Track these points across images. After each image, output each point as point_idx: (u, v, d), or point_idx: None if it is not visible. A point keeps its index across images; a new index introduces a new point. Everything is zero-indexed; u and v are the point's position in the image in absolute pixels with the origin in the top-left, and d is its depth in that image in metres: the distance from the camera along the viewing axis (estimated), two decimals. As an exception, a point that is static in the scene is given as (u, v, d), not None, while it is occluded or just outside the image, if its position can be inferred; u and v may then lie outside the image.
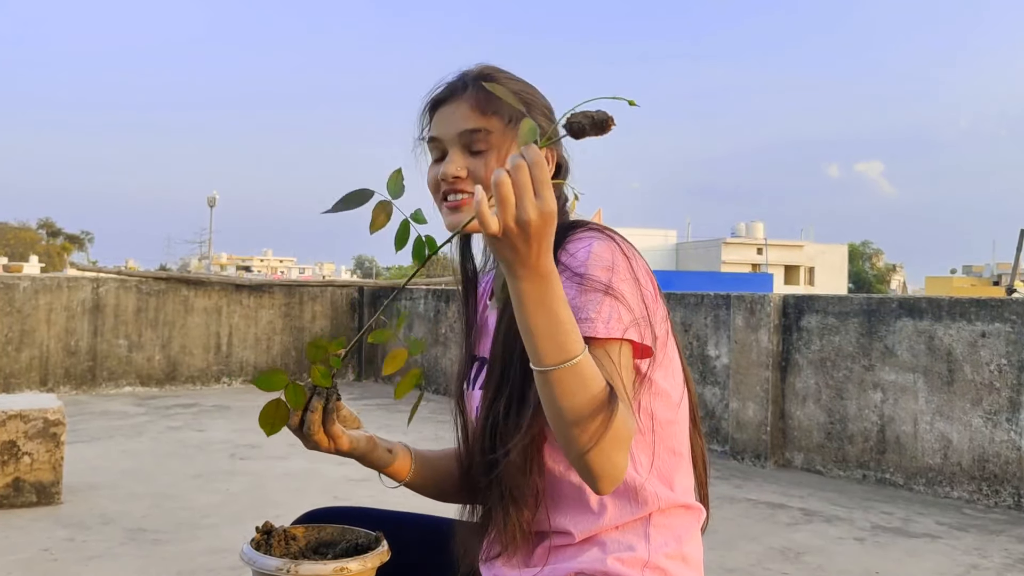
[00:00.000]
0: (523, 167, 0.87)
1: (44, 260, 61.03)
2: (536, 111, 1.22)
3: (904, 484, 4.29)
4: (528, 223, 0.87)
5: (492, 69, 1.24)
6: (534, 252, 0.89)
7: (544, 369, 0.94)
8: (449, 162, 1.19)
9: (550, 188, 0.88)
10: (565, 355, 0.93)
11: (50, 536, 3.18)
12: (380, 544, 1.07)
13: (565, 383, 0.94)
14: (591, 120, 0.86)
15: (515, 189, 0.86)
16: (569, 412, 0.95)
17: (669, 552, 1.14)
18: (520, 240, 0.88)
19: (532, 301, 0.92)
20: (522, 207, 0.86)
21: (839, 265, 60.24)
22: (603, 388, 0.96)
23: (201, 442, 5.12)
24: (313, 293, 8.40)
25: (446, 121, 1.21)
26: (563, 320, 0.93)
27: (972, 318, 4.10)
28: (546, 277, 0.91)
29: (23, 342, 6.95)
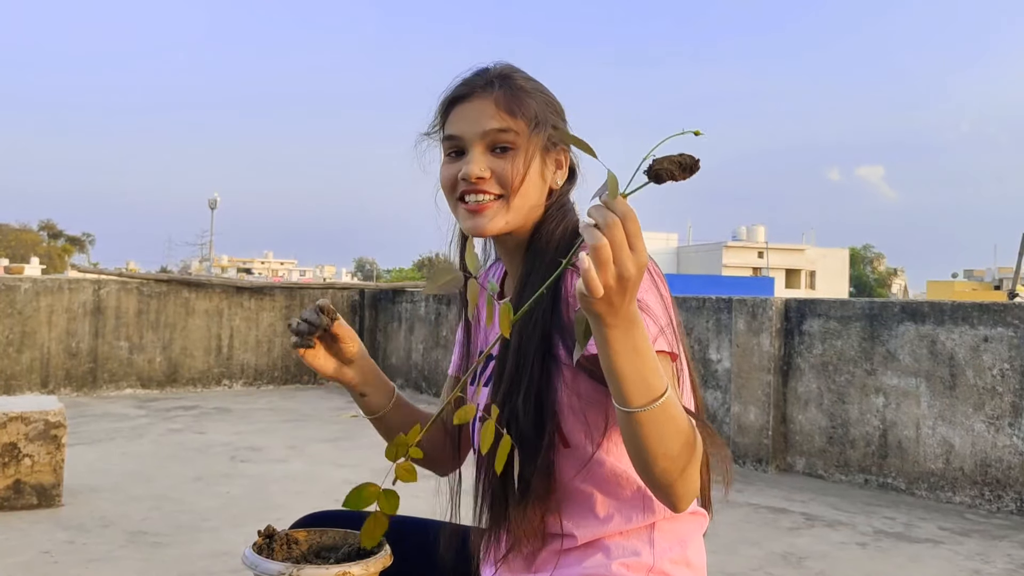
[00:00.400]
0: (617, 224, 0.84)
1: (45, 262, 61.09)
2: (556, 114, 1.22)
3: (906, 489, 4.28)
4: (627, 279, 0.86)
5: (511, 68, 1.22)
6: (627, 302, 0.88)
7: (632, 410, 0.93)
8: (472, 162, 1.17)
9: (642, 239, 0.86)
10: (653, 394, 0.92)
11: (50, 538, 3.18)
12: (382, 548, 1.06)
13: (653, 422, 0.93)
14: (677, 165, 0.84)
15: (613, 246, 0.84)
16: (659, 449, 0.95)
17: (674, 557, 1.14)
18: (617, 295, 0.86)
19: (622, 346, 0.90)
20: (621, 264, 0.85)
21: (840, 269, 60.23)
22: (687, 421, 0.97)
23: (202, 444, 5.11)
24: (314, 295, 8.40)
25: (468, 119, 1.18)
26: (649, 358, 0.92)
27: (974, 323, 4.10)
28: (634, 322, 0.90)
29: (24, 344, 6.94)
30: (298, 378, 8.17)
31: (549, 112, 1.20)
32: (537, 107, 1.19)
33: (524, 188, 1.16)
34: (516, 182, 1.16)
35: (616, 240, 0.84)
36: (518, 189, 1.16)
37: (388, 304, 8.49)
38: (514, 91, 1.19)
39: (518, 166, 1.16)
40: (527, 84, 1.21)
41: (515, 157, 1.17)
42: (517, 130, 1.17)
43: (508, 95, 1.18)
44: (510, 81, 1.20)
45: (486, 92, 1.18)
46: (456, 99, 1.20)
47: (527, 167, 1.16)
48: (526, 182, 1.16)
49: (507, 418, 1.11)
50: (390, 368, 8.32)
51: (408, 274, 71.60)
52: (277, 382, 8.06)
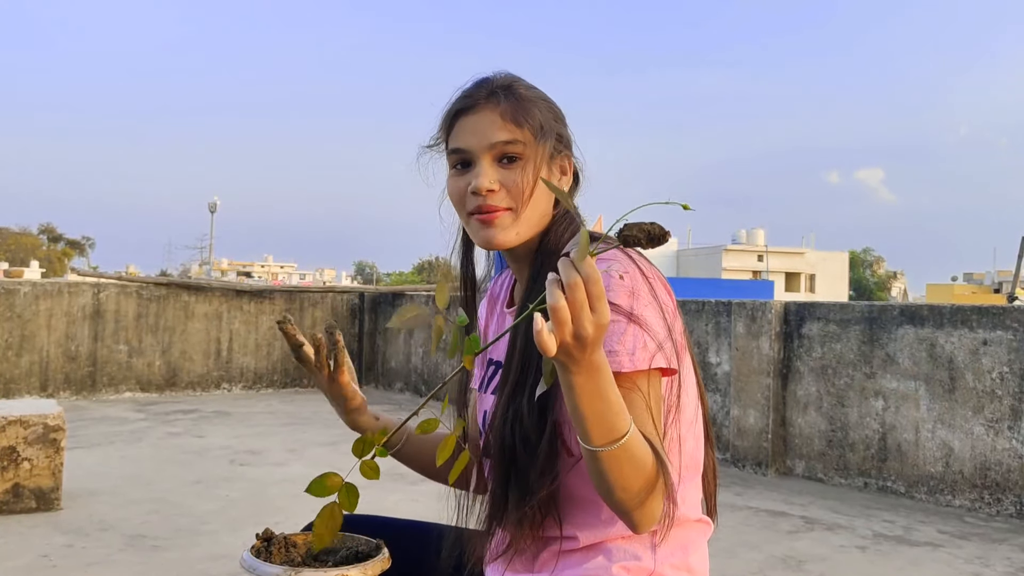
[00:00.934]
0: (579, 285, 0.86)
1: (45, 265, 61.07)
2: (559, 121, 1.23)
3: (906, 492, 4.27)
4: (585, 338, 0.87)
5: (513, 78, 1.22)
6: (587, 355, 0.90)
7: (592, 449, 0.96)
8: (481, 175, 1.16)
9: (605, 302, 0.88)
10: (613, 436, 0.95)
11: (49, 542, 3.18)
12: (381, 552, 1.06)
13: (613, 460, 0.96)
14: (646, 234, 0.87)
15: (572, 307, 0.86)
16: (616, 483, 0.98)
17: (675, 563, 1.14)
18: (576, 350, 0.89)
19: (584, 392, 0.92)
20: (579, 324, 0.86)
21: (840, 272, 60.25)
22: (650, 460, 0.99)
23: (201, 448, 5.11)
24: (314, 299, 8.40)
25: (474, 131, 1.18)
26: (612, 403, 0.94)
27: (974, 326, 4.10)
28: (598, 369, 0.92)
29: (23, 347, 6.94)
30: (297, 381, 8.17)
31: (552, 120, 1.21)
32: (541, 115, 1.19)
33: (533, 198, 1.17)
34: (526, 193, 1.16)
35: (576, 301, 0.86)
36: (529, 200, 1.16)
37: (388, 308, 8.49)
38: (518, 101, 1.19)
39: (527, 177, 1.16)
40: (530, 93, 1.21)
41: (523, 168, 1.17)
42: (523, 140, 1.17)
43: (513, 105, 1.18)
44: (513, 91, 1.19)
45: (491, 103, 1.18)
46: (460, 111, 1.20)
47: (535, 177, 1.16)
48: (535, 192, 1.17)
49: (511, 419, 1.11)
50: (389, 372, 8.32)
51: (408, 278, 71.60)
52: (276, 385, 8.06)
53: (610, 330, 1.05)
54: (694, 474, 1.19)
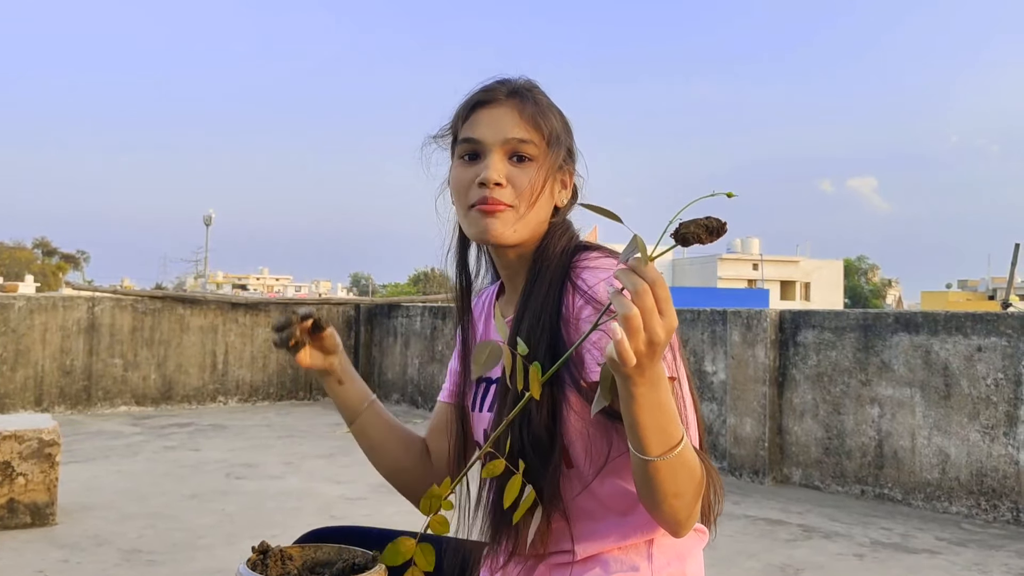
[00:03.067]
0: (646, 291, 0.85)
1: (39, 279, 60.90)
2: (569, 135, 1.24)
3: (903, 499, 4.27)
4: (657, 344, 0.87)
5: (533, 83, 1.24)
6: (655, 363, 0.89)
7: (650, 459, 0.95)
8: (490, 167, 1.16)
9: (671, 304, 0.88)
10: (670, 444, 0.95)
11: (44, 558, 3.16)
12: (377, 564, 1.06)
13: (669, 468, 0.96)
14: (705, 228, 0.86)
15: (643, 313, 0.85)
16: (670, 491, 0.98)
17: (672, 572, 1.14)
18: (647, 358, 0.88)
19: (646, 402, 0.92)
20: (651, 331, 0.86)
21: (835, 280, 60.36)
22: (699, 463, 1.00)
23: (197, 462, 5.09)
24: (309, 311, 8.38)
25: (490, 124, 1.18)
26: (668, 411, 0.94)
27: (968, 332, 4.11)
28: (660, 377, 0.92)
29: (18, 362, 6.92)
30: (293, 394, 8.15)
31: (565, 131, 1.23)
32: (556, 124, 1.21)
33: (538, 203, 1.18)
34: (534, 195, 1.17)
35: (647, 307, 0.85)
36: (535, 202, 1.17)
37: (384, 319, 8.48)
38: (538, 105, 1.20)
39: (537, 179, 1.17)
40: (547, 100, 1.23)
41: (533, 169, 1.17)
42: (537, 143, 1.18)
43: (533, 108, 1.19)
44: (534, 95, 1.21)
45: (511, 100, 1.19)
46: (480, 103, 1.20)
47: (544, 181, 1.17)
48: (542, 194, 1.18)
49: (519, 430, 1.10)
50: (386, 383, 8.31)
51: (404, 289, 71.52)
52: (272, 398, 8.04)
53: None
54: None
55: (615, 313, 0.86)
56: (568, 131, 1.24)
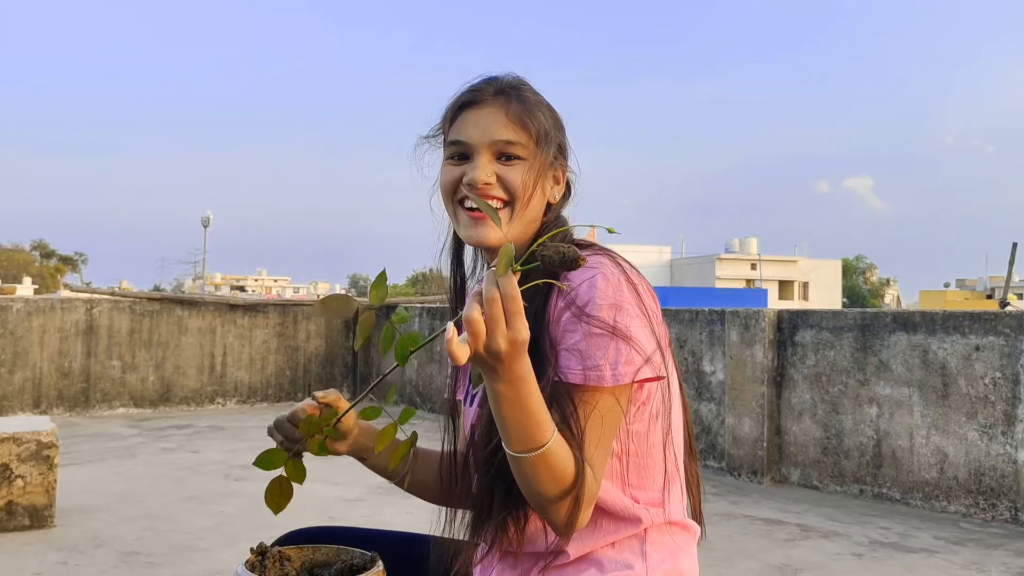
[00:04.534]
0: (496, 300, 0.90)
1: (38, 282, 60.82)
2: (560, 131, 1.23)
3: (901, 499, 4.28)
4: (498, 352, 0.91)
5: (521, 80, 1.23)
6: (506, 367, 0.93)
7: (512, 454, 1.00)
8: (479, 168, 1.16)
9: (522, 318, 0.91)
10: (532, 445, 0.98)
11: (42, 560, 3.16)
12: (375, 564, 1.06)
13: (530, 466, 1.00)
14: (561, 256, 0.91)
15: (487, 321, 0.90)
16: (532, 487, 1.02)
17: (666, 569, 1.14)
18: (493, 361, 0.92)
19: (505, 400, 0.96)
20: (492, 339, 0.90)
21: (833, 280, 60.40)
22: (570, 473, 1.01)
23: (195, 463, 5.08)
24: (307, 312, 8.39)
25: (477, 125, 1.17)
26: (534, 413, 0.97)
27: (966, 332, 4.11)
28: (521, 379, 0.95)
29: (16, 364, 6.91)
30: (292, 395, 8.14)
31: (554, 128, 1.22)
32: (545, 122, 1.20)
33: (530, 198, 1.17)
34: (526, 194, 1.16)
35: (492, 316, 0.89)
36: (527, 202, 1.16)
37: (382, 320, 8.46)
38: (525, 103, 1.19)
39: (528, 178, 1.16)
40: (536, 98, 1.22)
41: (522, 168, 1.17)
42: (525, 143, 1.17)
43: (520, 107, 1.18)
44: (521, 93, 1.20)
45: (498, 101, 1.18)
46: (466, 104, 1.19)
47: (536, 181, 1.17)
48: (524, 191, 1.17)
49: (496, 436, 1.10)
50: (384, 385, 8.30)
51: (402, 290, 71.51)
52: (271, 399, 8.03)
53: (594, 344, 1.05)
54: (676, 480, 1.19)
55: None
56: (559, 127, 1.23)
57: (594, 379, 1.05)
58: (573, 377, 1.06)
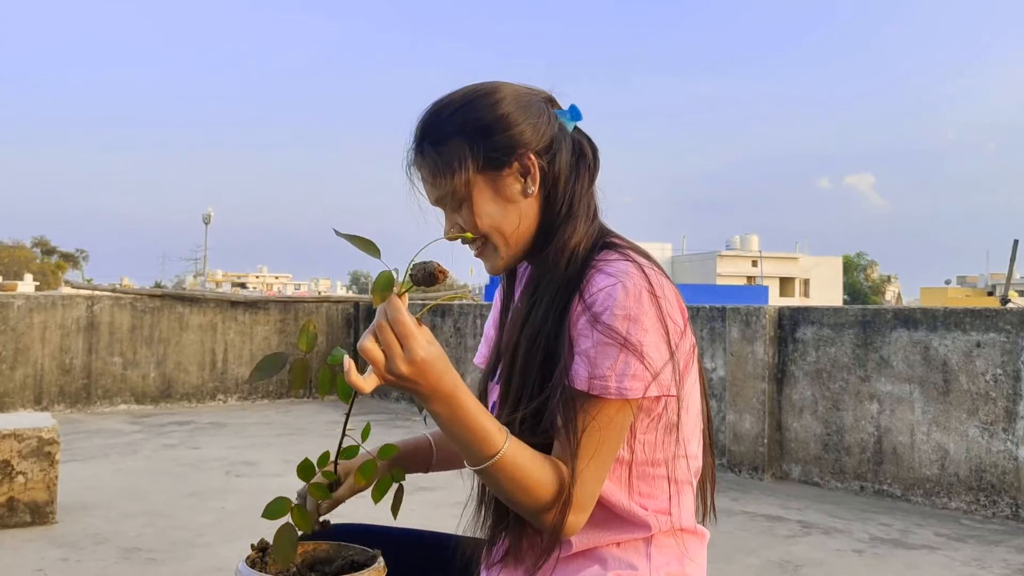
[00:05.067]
0: (385, 327, 0.94)
1: (39, 278, 60.84)
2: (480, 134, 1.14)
3: (902, 495, 4.28)
4: (404, 375, 0.95)
5: (427, 120, 1.17)
6: (425, 387, 0.96)
7: (473, 468, 1.03)
8: (444, 228, 1.19)
9: (415, 339, 0.94)
10: (483, 457, 1.01)
11: (43, 556, 3.16)
12: (376, 561, 1.06)
13: (487, 476, 1.03)
14: (423, 271, 0.97)
15: (384, 349, 0.94)
16: (504, 496, 1.05)
17: (671, 571, 1.13)
18: (406, 384, 0.96)
19: (442, 418, 0.99)
20: (392, 364, 0.94)
21: (834, 277, 60.40)
22: (541, 479, 1.03)
23: (196, 460, 5.09)
24: (308, 309, 8.39)
25: (425, 191, 1.20)
26: (475, 428, 1.00)
27: (967, 328, 4.11)
28: (451, 396, 0.98)
29: (17, 360, 6.92)
30: (293, 392, 8.15)
31: (476, 139, 1.13)
32: (455, 149, 1.13)
33: (489, 224, 1.14)
34: (477, 230, 1.15)
35: (387, 342, 0.94)
36: (485, 231, 1.15)
37: (382, 317, 8.47)
38: (431, 150, 1.15)
39: (466, 216, 1.15)
40: (444, 125, 1.15)
41: (466, 210, 1.15)
42: (448, 189, 1.14)
43: (430, 161, 1.15)
44: (426, 139, 1.16)
45: (417, 161, 1.18)
46: (411, 167, 1.21)
47: (472, 212, 1.14)
48: (488, 219, 1.14)
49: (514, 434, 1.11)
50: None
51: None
52: (272, 396, 8.04)
53: (603, 353, 1.04)
54: (687, 487, 1.18)
55: None
56: (485, 130, 1.13)
57: (598, 389, 1.04)
58: (578, 383, 1.05)
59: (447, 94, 1.20)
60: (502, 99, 1.16)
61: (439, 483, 3.08)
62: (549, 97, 1.22)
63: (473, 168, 1.13)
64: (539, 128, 1.16)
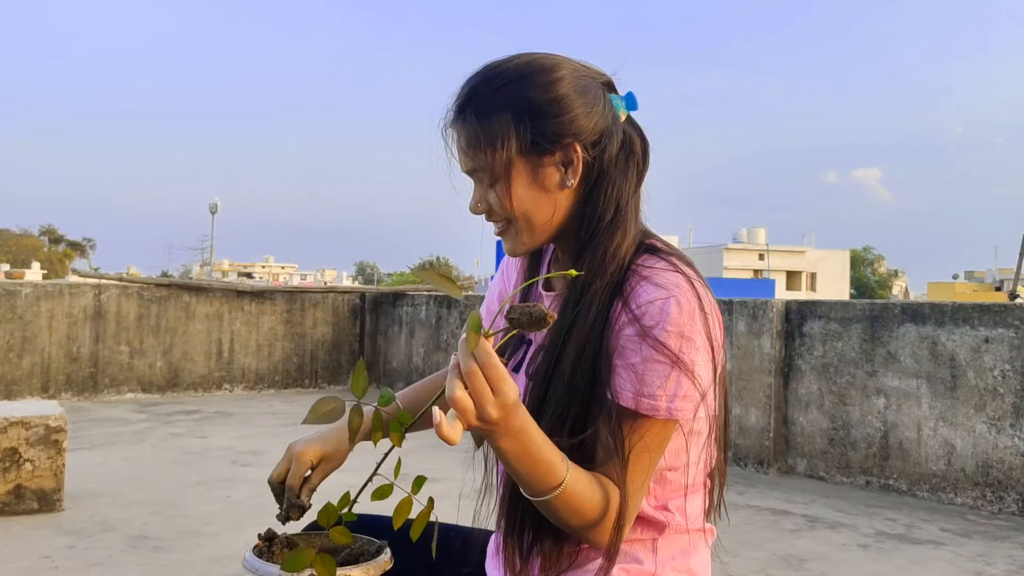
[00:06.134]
0: (476, 373, 0.88)
1: (46, 267, 61.08)
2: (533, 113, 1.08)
3: (908, 490, 4.27)
4: (490, 420, 0.90)
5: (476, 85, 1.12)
6: (503, 426, 0.92)
7: (532, 499, 1.00)
8: (472, 198, 1.15)
9: (507, 381, 0.89)
10: (543, 489, 0.98)
11: (51, 544, 3.18)
12: (383, 552, 1.06)
13: (547, 507, 0.99)
14: (529, 316, 0.90)
15: (473, 395, 0.88)
16: (563, 523, 1.02)
17: (677, 566, 1.13)
18: (489, 427, 0.91)
19: (512, 455, 0.95)
20: (482, 410, 0.89)
21: (841, 271, 60.23)
22: (596, 502, 1.00)
23: (202, 449, 5.11)
24: (315, 299, 8.40)
25: (457, 156, 1.14)
26: (542, 459, 0.96)
27: (975, 324, 4.09)
28: (522, 430, 0.94)
29: (25, 349, 6.94)
30: (299, 382, 8.17)
31: (523, 119, 1.08)
32: (499, 125, 1.08)
33: (520, 209, 1.10)
34: (505, 212, 1.11)
35: (476, 389, 0.88)
36: (514, 216, 1.11)
37: (389, 308, 8.49)
38: (473, 120, 1.09)
39: (495, 196, 1.10)
40: (493, 97, 1.09)
41: (497, 188, 1.10)
42: (483, 164, 1.09)
43: (466, 130, 1.10)
44: (470, 107, 1.10)
45: (457, 125, 1.12)
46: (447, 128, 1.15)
47: (508, 193, 1.09)
48: (520, 203, 1.09)
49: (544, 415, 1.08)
50: (391, 372, 8.32)
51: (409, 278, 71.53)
52: (278, 386, 8.06)
53: (654, 371, 1.01)
54: (699, 490, 1.18)
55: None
56: (536, 111, 1.08)
57: (647, 408, 1.02)
58: (625, 400, 1.03)
59: (502, 60, 1.13)
60: (559, 79, 1.09)
61: (443, 474, 3.09)
62: (608, 81, 1.15)
63: (516, 149, 1.08)
64: (592, 117, 1.09)
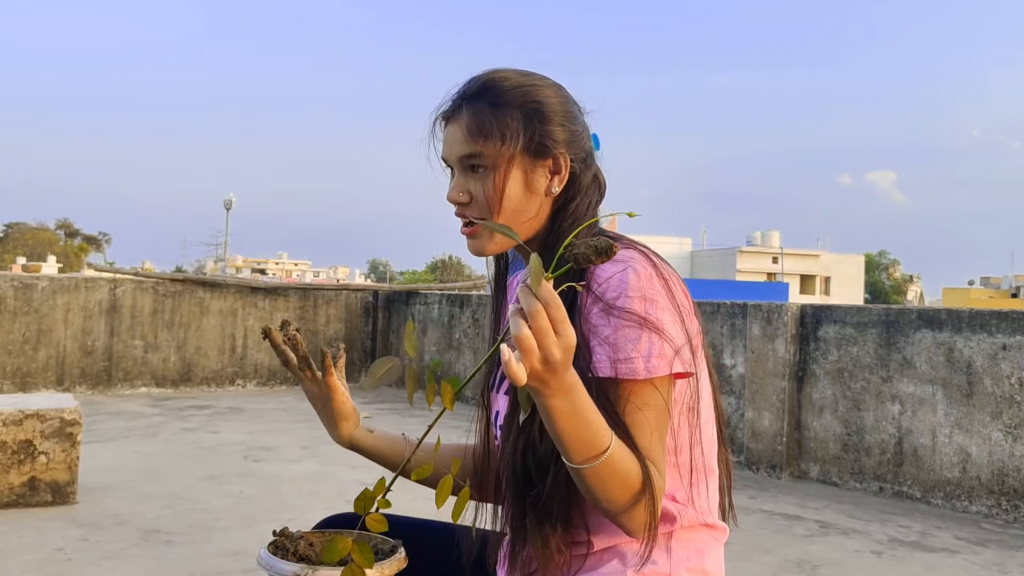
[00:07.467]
0: (540, 312, 0.87)
1: (62, 260, 61.57)
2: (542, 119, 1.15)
3: (922, 497, 4.24)
4: (553, 362, 0.89)
5: (489, 81, 1.18)
6: (559, 377, 0.91)
7: (573, 466, 0.97)
8: (451, 186, 1.18)
9: (568, 322, 0.89)
10: (593, 452, 0.96)
11: (64, 536, 3.19)
12: (397, 551, 1.06)
13: (595, 475, 0.97)
14: (594, 249, 0.88)
15: (536, 334, 0.87)
16: (600, 495, 0.99)
17: (691, 566, 1.13)
18: (547, 374, 0.89)
19: (561, 414, 0.94)
20: (545, 350, 0.88)
21: (855, 275, 59.91)
22: (636, 473, 1.00)
23: (215, 444, 5.13)
24: (328, 296, 8.42)
25: (447, 142, 1.19)
26: (590, 421, 0.95)
27: (993, 330, 4.06)
28: (572, 388, 0.93)
29: (40, 342, 6.99)
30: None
31: (531, 120, 1.14)
32: (511, 120, 1.14)
33: (507, 205, 1.14)
34: (493, 203, 1.14)
35: (540, 328, 0.87)
36: (497, 209, 1.14)
37: (401, 306, 8.50)
38: (486, 110, 1.14)
39: (489, 186, 1.14)
40: (506, 94, 1.15)
41: (486, 178, 1.14)
42: (486, 151, 1.14)
43: (478, 117, 1.14)
44: (484, 97, 1.16)
45: (458, 115, 1.17)
46: (443, 117, 1.20)
47: (502, 185, 1.13)
48: (508, 199, 1.14)
49: (522, 448, 1.10)
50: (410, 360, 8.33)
51: (422, 276, 71.67)
52: (290, 382, 8.08)
53: (625, 336, 1.04)
54: (710, 477, 1.18)
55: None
56: (542, 116, 1.15)
57: (626, 371, 1.03)
58: (604, 371, 1.04)
59: (503, 69, 1.20)
60: (563, 96, 1.20)
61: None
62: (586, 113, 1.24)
63: (521, 145, 1.14)
64: (584, 137, 1.20)
